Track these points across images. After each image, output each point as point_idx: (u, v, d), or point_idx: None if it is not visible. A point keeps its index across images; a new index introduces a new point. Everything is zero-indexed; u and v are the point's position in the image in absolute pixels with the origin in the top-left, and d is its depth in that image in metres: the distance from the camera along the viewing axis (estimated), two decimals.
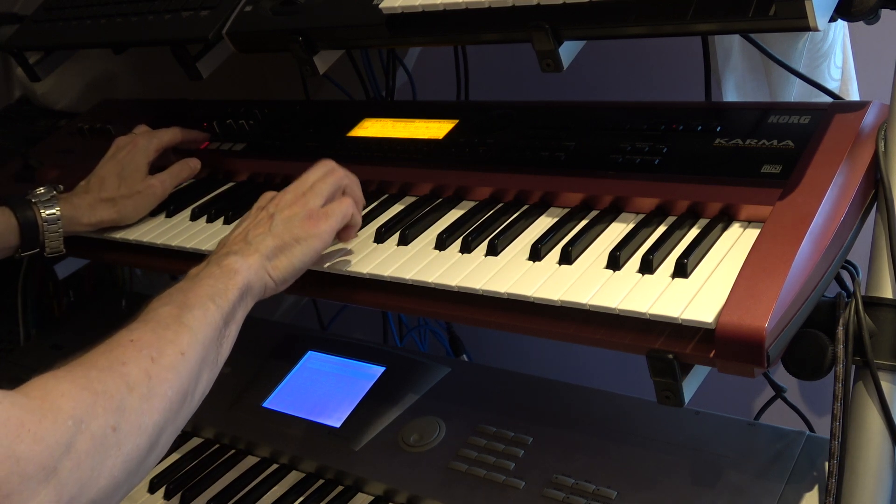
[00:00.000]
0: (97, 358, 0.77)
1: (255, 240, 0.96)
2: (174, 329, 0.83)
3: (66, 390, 0.71)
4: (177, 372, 0.80)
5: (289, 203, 0.99)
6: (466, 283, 0.92)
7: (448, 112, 1.24)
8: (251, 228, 0.98)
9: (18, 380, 1.51)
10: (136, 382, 0.76)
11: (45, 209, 1.20)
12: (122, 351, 0.79)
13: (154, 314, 0.85)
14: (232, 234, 1.00)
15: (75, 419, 0.69)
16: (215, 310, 0.87)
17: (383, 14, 1.03)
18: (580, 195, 1.01)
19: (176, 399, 0.79)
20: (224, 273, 0.91)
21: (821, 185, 0.87)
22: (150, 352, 0.79)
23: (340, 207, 1.00)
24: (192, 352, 0.83)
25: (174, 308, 0.85)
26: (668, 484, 0.96)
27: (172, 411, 0.79)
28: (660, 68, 1.58)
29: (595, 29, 0.92)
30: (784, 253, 0.80)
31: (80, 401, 0.71)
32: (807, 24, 0.79)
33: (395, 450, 1.11)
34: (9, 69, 1.89)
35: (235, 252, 0.94)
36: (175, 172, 1.28)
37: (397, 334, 1.80)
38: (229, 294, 0.90)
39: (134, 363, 0.77)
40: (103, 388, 0.73)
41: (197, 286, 0.89)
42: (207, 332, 0.85)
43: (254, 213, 1.01)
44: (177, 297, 0.87)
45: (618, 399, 1.11)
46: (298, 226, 0.97)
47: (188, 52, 1.28)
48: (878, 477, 0.83)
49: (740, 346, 0.76)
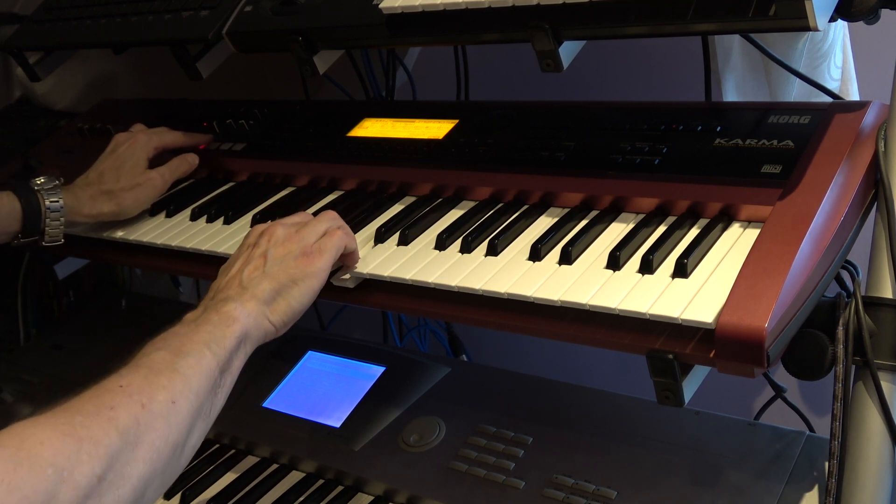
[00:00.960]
0: (83, 403, 0.73)
1: (250, 283, 0.92)
2: (167, 376, 0.79)
3: (46, 437, 0.67)
4: (167, 421, 0.76)
5: (281, 239, 0.96)
6: (466, 283, 0.92)
7: (448, 112, 1.24)
8: (245, 269, 0.94)
9: (19, 380, 1.51)
10: (125, 429, 0.72)
11: (48, 197, 1.19)
12: (110, 396, 0.75)
13: (147, 360, 0.81)
14: (226, 274, 0.96)
15: (56, 467, 0.66)
16: (211, 357, 0.84)
17: (383, 14, 1.03)
18: (580, 195, 1.01)
19: (164, 450, 0.75)
20: (222, 320, 0.88)
21: (821, 185, 0.87)
22: (141, 398, 0.75)
23: (332, 241, 0.97)
24: (185, 401, 0.79)
25: (168, 354, 0.82)
26: (668, 484, 0.96)
27: (161, 462, 0.75)
28: (660, 68, 1.58)
29: (595, 29, 0.92)
30: (784, 253, 0.80)
31: (61, 447, 0.67)
32: (807, 24, 0.79)
33: (395, 450, 1.11)
34: (9, 69, 1.88)
35: (233, 298, 0.91)
36: (174, 166, 1.28)
37: (397, 334, 1.80)
38: (226, 342, 0.86)
39: (123, 408, 0.74)
40: (88, 434, 0.69)
41: (193, 332, 0.86)
42: (202, 380, 0.82)
43: (245, 251, 0.98)
44: (172, 342, 0.84)
45: (618, 399, 1.11)
46: (294, 265, 0.94)
47: (188, 52, 1.28)
48: (878, 477, 0.83)
49: (740, 347, 0.76)
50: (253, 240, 0.99)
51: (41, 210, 1.18)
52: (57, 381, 1.46)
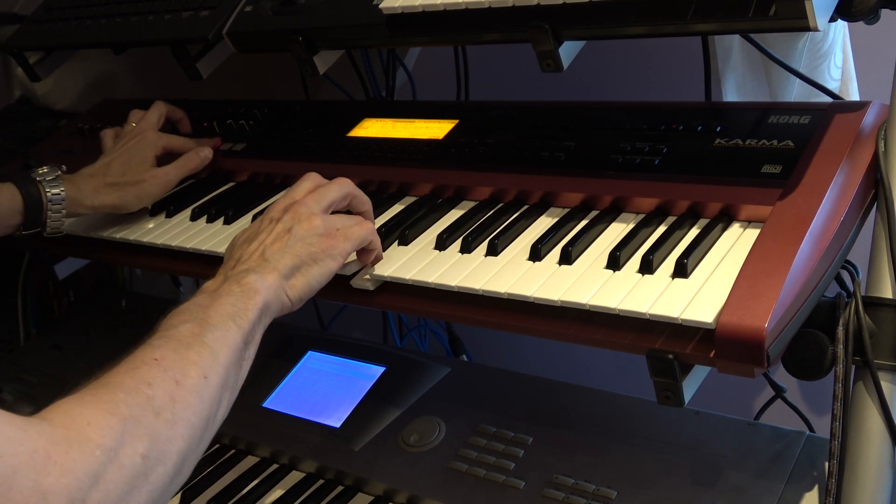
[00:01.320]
0: (122, 377, 0.74)
1: (272, 257, 0.92)
2: (196, 350, 0.80)
3: (93, 417, 0.68)
4: (200, 396, 0.77)
5: (306, 216, 0.96)
6: (466, 283, 0.92)
7: (448, 112, 1.24)
8: (268, 243, 0.94)
9: (19, 380, 1.51)
10: (162, 407, 0.73)
11: (50, 188, 1.18)
12: (146, 370, 0.75)
13: (175, 332, 0.81)
14: (247, 246, 0.96)
15: (103, 448, 0.66)
16: (236, 330, 0.84)
17: (383, 14, 1.03)
18: (580, 195, 1.01)
19: (199, 425, 0.76)
20: (244, 292, 0.88)
21: (821, 185, 0.87)
22: (175, 374, 0.76)
23: (360, 231, 0.97)
24: (215, 375, 0.80)
25: (195, 326, 0.82)
26: (668, 484, 0.96)
27: (195, 438, 0.76)
28: (660, 68, 1.58)
29: (595, 29, 0.92)
30: (784, 253, 0.80)
31: (108, 428, 0.67)
32: (807, 24, 0.79)
33: (395, 450, 1.11)
34: (9, 69, 1.88)
35: (254, 270, 0.91)
36: (182, 164, 1.27)
37: (397, 334, 1.80)
38: (249, 314, 0.87)
39: (159, 385, 0.74)
40: (131, 414, 0.70)
41: (217, 304, 0.86)
42: (228, 353, 0.82)
43: (267, 224, 0.97)
44: (197, 313, 0.84)
45: (618, 399, 1.11)
46: (316, 243, 0.94)
47: (188, 52, 1.28)
48: (878, 477, 0.83)
49: (740, 346, 0.76)
50: (277, 214, 0.98)
51: (42, 201, 1.18)
52: (57, 381, 1.46)
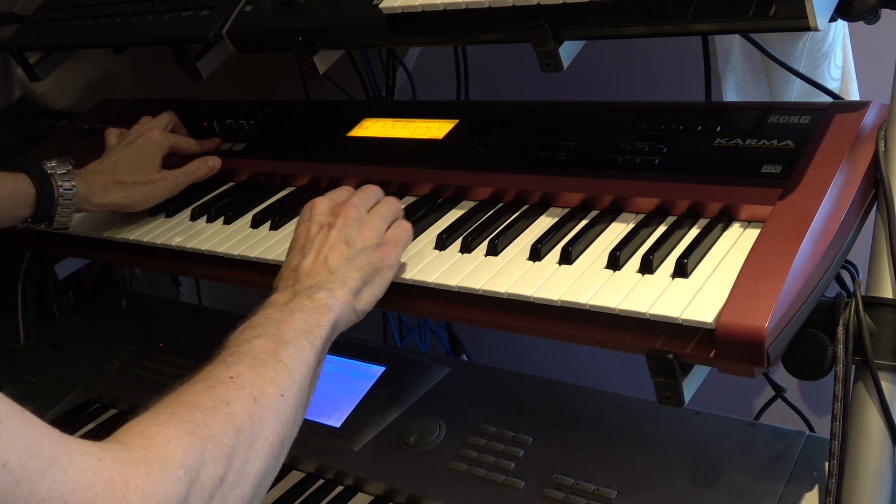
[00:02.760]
0: (199, 397, 0.71)
1: (338, 270, 0.90)
2: (273, 367, 0.77)
3: (173, 436, 0.65)
4: (277, 415, 0.74)
5: (359, 224, 0.94)
6: (466, 283, 0.92)
7: (448, 112, 1.24)
8: (329, 253, 0.92)
9: (19, 380, 1.51)
10: (241, 426, 0.70)
11: (62, 182, 1.17)
12: (223, 389, 0.72)
13: (248, 347, 0.79)
14: (305, 256, 0.92)
15: (186, 469, 0.63)
16: (309, 348, 0.82)
17: (383, 14, 1.03)
18: (580, 195, 1.01)
19: (276, 445, 0.74)
20: (316, 308, 0.86)
21: (821, 185, 0.87)
22: (252, 391, 0.73)
23: (403, 235, 0.97)
24: (291, 393, 0.77)
25: (269, 342, 0.80)
26: (668, 484, 0.96)
27: (273, 457, 0.73)
28: (660, 68, 1.58)
29: (595, 29, 0.92)
30: (784, 253, 0.80)
31: (189, 447, 0.64)
32: (807, 24, 0.79)
33: (395, 450, 1.11)
34: (9, 69, 1.89)
35: (323, 285, 0.89)
36: (191, 170, 1.27)
37: (397, 334, 1.80)
38: (322, 331, 0.85)
39: (237, 403, 0.71)
40: (210, 433, 0.67)
41: (289, 319, 0.84)
42: (302, 371, 0.80)
43: (317, 229, 0.94)
44: (269, 328, 0.82)
45: (618, 399, 1.11)
46: (375, 255, 0.93)
47: (188, 52, 1.28)
48: (878, 477, 0.83)
49: (740, 346, 0.76)
50: (326, 218, 0.95)
51: (55, 196, 1.16)
52: (57, 381, 1.46)
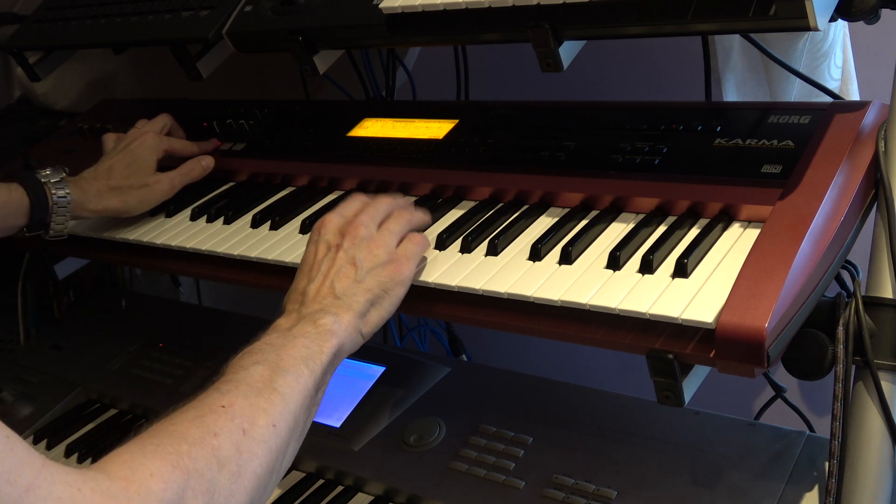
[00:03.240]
0: (188, 427, 0.71)
1: (344, 294, 0.89)
2: (266, 396, 0.77)
3: (156, 469, 0.65)
4: (267, 446, 0.74)
5: (368, 243, 0.93)
6: (466, 283, 0.92)
7: (448, 112, 1.24)
8: (336, 277, 0.91)
9: (19, 380, 1.51)
10: (227, 459, 0.70)
11: (56, 190, 1.17)
12: (213, 419, 0.72)
13: (245, 374, 0.79)
14: (311, 280, 0.92)
15: (165, 502, 0.63)
16: (308, 375, 0.82)
17: (383, 14, 1.03)
18: (580, 195, 1.01)
19: (264, 477, 0.73)
20: (319, 334, 0.85)
21: (821, 185, 0.87)
22: (242, 422, 0.73)
23: (417, 248, 0.95)
24: (284, 423, 0.77)
25: (266, 370, 0.79)
26: (668, 484, 0.96)
27: (259, 489, 0.73)
28: (660, 68, 1.58)
29: (595, 29, 0.92)
30: (784, 253, 0.80)
31: (171, 481, 0.64)
32: (807, 24, 0.79)
33: (395, 450, 1.11)
34: (9, 69, 1.89)
35: (329, 310, 0.88)
36: (185, 171, 1.27)
37: (397, 334, 1.80)
38: (322, 357, 0.84)
39: (225, 435, 0.71)
40: (195, 467, 0.67)
41: (290, 346, 0.83)
42: (299, 399, 0.80)
43: (325, 251, 0.93)
44: (269, 354, 0.82)
45: (618, 399, 1.11)
46: (384, 273, 0.91)
47: (188, 52, 1.28)
48: (878, 477, 0.83)
49: (740, 346, 0.76)
50: (334, 238, 0.94)
51: (49, 204, 1.17)
52: (57, 381, 1.46)
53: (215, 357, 1.34)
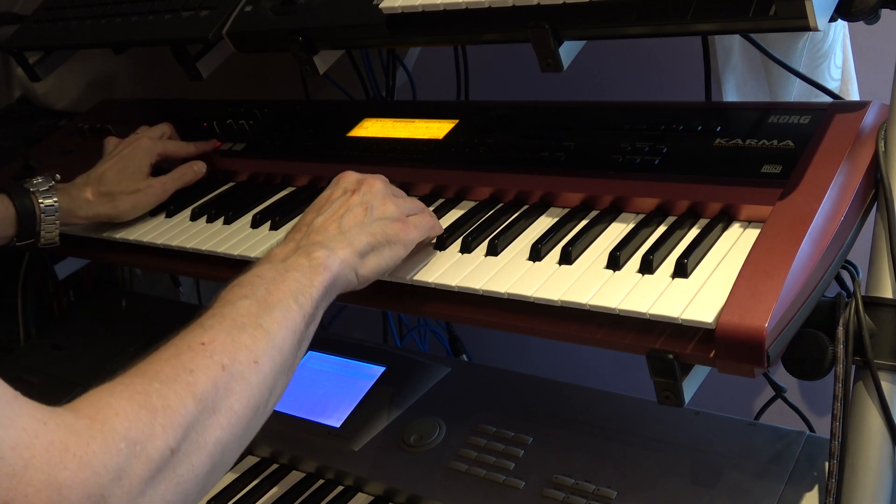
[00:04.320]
0: (163, 365, 0.71)
1: (349, 231, 0.90)
2: (250, 332, 0.76)
3: (122, 408, 0.65)
4: (247, 383, 0.73)
5: (382, 197, 0.95)
6: (466, 283, 0.92)
7: (448, 112, 1.24)
8: (345, 215, 0.92)
9: (19, 380, 1.52)
10: (202, 395, 0.69)
11: (43, 199, 1.18)
12: (191, 356, 0.72)
13: (231, 309, 0.78)
14: (321, 214, 0.92)
15: (129, 441, 0.63)
16: (297, 311, 0.81)
17: (383, 14, 1.03)
18: (580, 195, 1.01)
19: (244, 413, 0.73)
20: (312, 267, 0.85)
21: (821, 185, 0.87)
22: (222, 358, 0.72)
23: (429, 220, 0.98)
24: (268, 359, 0.76)
25: (254, 304, 0.79)
26: (668, 484, 0.96)
27: (240, 425, 0.72)
28: (660, 68, 1.58)
29: (595, 29, 0.92)
30: (784, 253, 0.80)
31: (136, 420, 0.64)
32: (807, 24, 0.79)
33: (395, 450, 1.11)
34: (9, 69, 1.89)
35: (325, 244, 0.88)
36: (177, 176, 1.27)
37: (397, 334, 1.80)
38: (313, 291, 0.84)
39: (202, 371, 0.71)
40: (164, 404, 0.67)
41: (280, 279, 0.83)
42: (286, 336, 0.79)
43: (342, 194, 0.94)
44: (259, 289, 0.81)
45: (618, 399, 1.11)
46: (391, 227, 0.93)
47: (188, 52, 1.28)
48: (878, 477, 0.83)
49: (740, 346, 0.76)
50: (352, 184, 0.96)
51: (36, 213, 1.17)
52: (57, 381, 1.46)
53: None
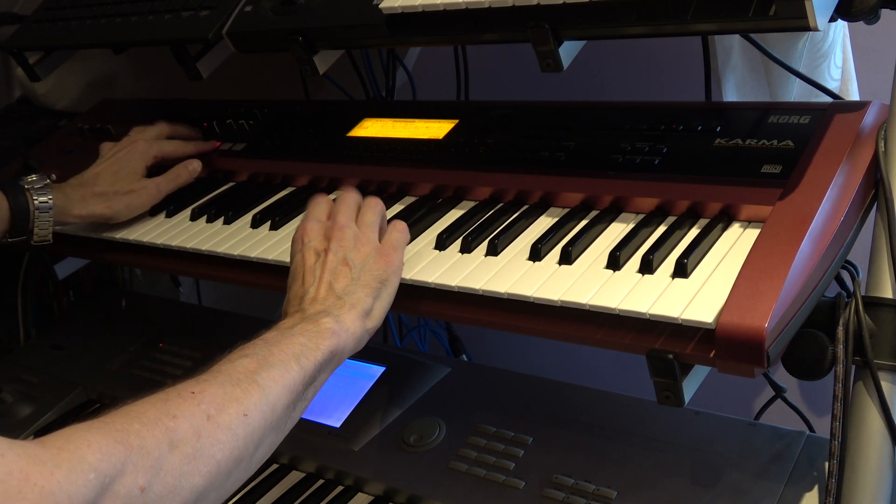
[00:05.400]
0: (148, 408, 0.71)
1: (346, 293, 0.90)
2: (244, 387, 0.76)
3: (95, 441, 0.64)
4: (233, 434, 0.74)
5: (354, 241, 0.94)
6: (466, 283, 0.92)
7: (448, 112, 1.24)
8: (332, 281, 0.91)
9: (19, 380, 1.52)
10: (182, 440, 0.70)
11: (38, 196, 1.18)
12: (178, 403, 0.72)
13: (230, 366, 0.79)
14: (306, 285, 0.92)
15: (99, 473, 0.63)
16: (297, 371, 0.81)
17: (383, 14, 1.03)
18: (580, 195, 1.01)
19: (226, 463, 0.73)
20: (319, 332, 0.85)
21: (821, 185, 0.87)
22: (209, 408, 0.73)
23: (401, 236, 0.97)
24: (258, 414, 0.76)
25: (253, 363, 0.80)
26: (668, 484, 0.96)
27: (220, 475, 0.72)
28: (660, 68, 1.58)
29: (595, 29, 0.92)
30: (784, 253, 0.80)
31: (108, 454, 0.64)
32: (807, 24, 0.79)
33: (395, 450, 1.11)
34: (9, 69, 1.88)
35: (330, 311, 0.88)
36: (172, 177, 1.27)
37: (397, 334, 1.80)
38: (317, 355, 0.84)
39: (185, 418, 0.71)
40: (140, 443, 0.67)
41: (285, 342, 0.83)
42: (281, 394, 0.79)
43: (313, 262, 0.94)
44: (260, 350, 0.82)
45: (618, 399, 1.11)
46: (377, 267, 0.93)
47: (188, 52, 1.28)
48: (878, 477, 0.83)
49: (740, 346, 0.76)
50: (320, 245, 0.95)
51: (30, 210, 1.18)
52: (57, 381, 1.46)
53: (215, 357, 1.34)
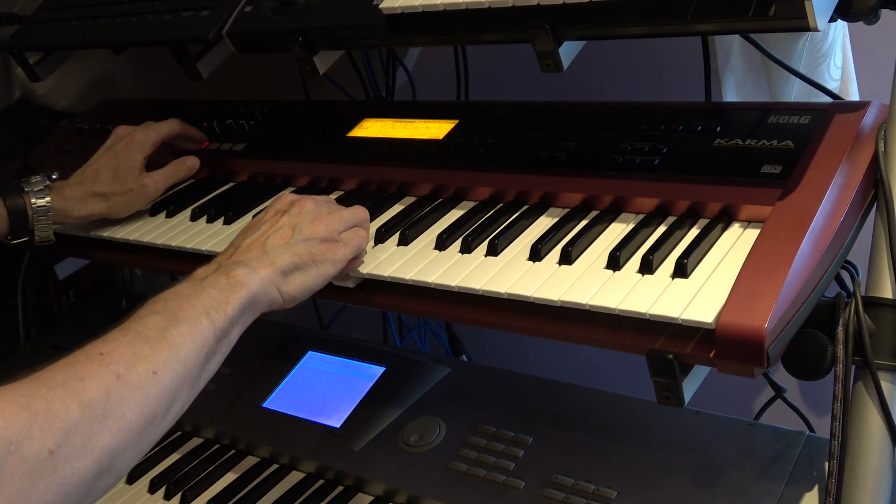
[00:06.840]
0: (55, 373, 0.72)
1: (272, 251, 0.92)
2: (153, 345, 0.77)
3: (0, 409, 0.66)
4: (143, 392, 0.75)
5: (311, 217, 0.96)
6: (466, 283, 0.92)
7: (448, 112, 1.24)
8: (271, 235, 0.94)
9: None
10: (91, 401, 0.71)
11: (35, 198, 1.18)
12: (85, 365, 0.74)
13: (139, 323, 0.80)
14: (249, 235, 0.95)
15: (3, 440, 0.64)
16: (207, 325, 0.82)
17: (383, 14, 1.03)
18: (580, 195, 1.01)
19: (137, 421, 0.74)
20: (230, 285, 0.86)
21: (821, 185, 0.87)
22: (118, 368, 0.74)
23: (357, 238, 0.98)
24: (168, 371, 0.77)
25: (162, 319, 0.80)
26: (668, 484, 0.96)
27: (133, 433, 0.73)
28: (660, 68, 1.58)
29: (595, 29, 0.92)
30: (784, 253, 0.80)
31: (12, 420, 0.66)
32: (807, 24, 0.79)
33: (395, 450, 1.11)
34: (9, 69, 1.89)
35: (247, 263, 0.90)
36: (170, 173, 1.27)
37: (397, 334, 1.80)
38: (228, 308, 0.85)
39: (94, 379, 0.72)
40: (46, 408, 0.68)
41: (196, 295, 0.84)
42: (192, 349, 0.80)
43: (272, 215, 0.97)
44: (171, 304, 0.83)
45: (618, 399, 1.11)
46: (317, 247, 0.94)
47: (188, 52, 1.28)
48: (878, 477, 0.83)
49: (740, 346, 0.76)
50: (283, 206, 0.98)
51: (28, 212, 1.18)
52: None
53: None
